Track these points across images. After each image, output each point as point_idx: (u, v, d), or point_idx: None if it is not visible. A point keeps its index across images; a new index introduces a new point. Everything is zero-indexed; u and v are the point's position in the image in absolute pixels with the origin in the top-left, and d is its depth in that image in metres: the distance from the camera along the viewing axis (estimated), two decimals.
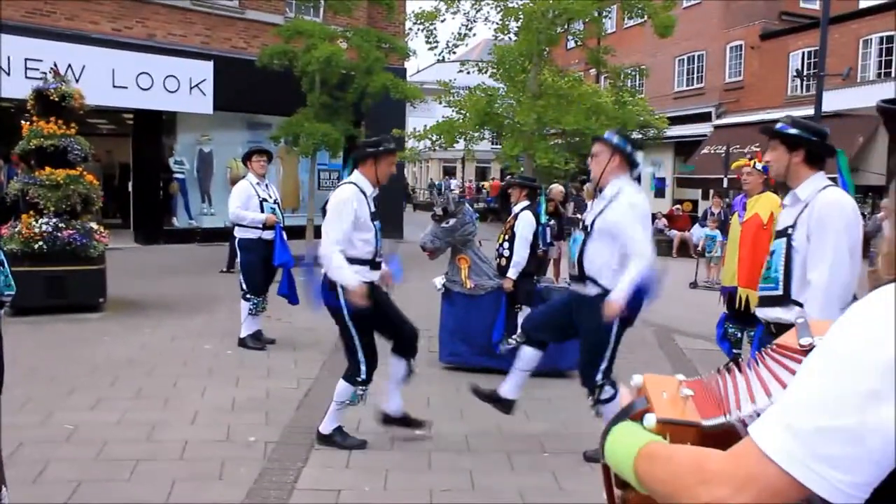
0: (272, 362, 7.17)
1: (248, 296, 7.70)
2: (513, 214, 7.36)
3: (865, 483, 0.97)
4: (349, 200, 4.79)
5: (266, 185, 8.01)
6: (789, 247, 3.47)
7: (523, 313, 7.00)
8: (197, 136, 18.37)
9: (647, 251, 4.57)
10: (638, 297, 4.57)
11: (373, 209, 4.95)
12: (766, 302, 3.61)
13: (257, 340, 7.74)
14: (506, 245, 7.18)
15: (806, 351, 1.18)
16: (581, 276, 4.71)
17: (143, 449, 4.83)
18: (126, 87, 15.86)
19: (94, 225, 9.29)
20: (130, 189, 18.58)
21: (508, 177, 14.18)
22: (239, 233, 7.84)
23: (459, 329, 7.14)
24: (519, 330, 6.95)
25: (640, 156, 4.90)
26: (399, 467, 4.70)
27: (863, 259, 3.48)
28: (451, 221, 6.99)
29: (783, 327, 3.37)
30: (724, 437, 1.20)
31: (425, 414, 5.76)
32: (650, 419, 1.27)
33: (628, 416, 1.33)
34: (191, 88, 16.74)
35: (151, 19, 17.08)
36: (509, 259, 7.07)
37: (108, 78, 15.48)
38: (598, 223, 4.67)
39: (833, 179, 3.67)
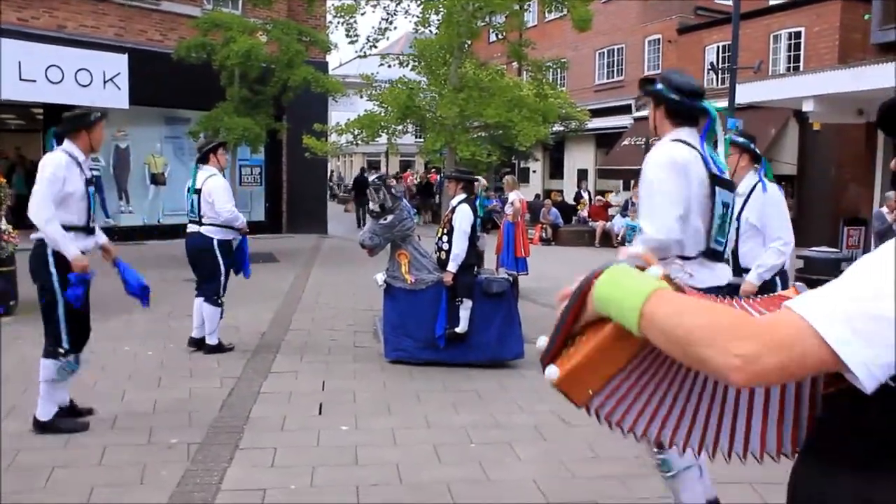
0: (194, 363, 7.02)
1: (220, 301, 7.33)
2: (450, 208, 7.38)
3: (887, 364, 1.10)
4: (60, 166, 4.92)
5: None
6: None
7: (465, 306, 7.08)
8: (112, 131, 17.73)
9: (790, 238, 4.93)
10: None
11: (88, 176, 5.14)
12: None
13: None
14: (444, 239, 7.19)
15: None
16: (737, 270, 4.75)
17: (60, 456, 4.67)
18: (34, 81, 15.20)
19: (2, 225, 8.90)
20: None
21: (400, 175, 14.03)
22: (217, 234, 7.26)
23: (403, 324, 7.13)
24: (464, 323, 7.02)
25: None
26: (325, 464, 4.67)
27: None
28: (389, 218, 7.05)
29: None
30: None
31: (351, 409, 5.75)
32: (656, 270, 1.33)
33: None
34: (105, 82, 16.17)
35: (61, 9, 16.45)
36: (448, 252, 7.09)
37: (14, 70, 14.83)
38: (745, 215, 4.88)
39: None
